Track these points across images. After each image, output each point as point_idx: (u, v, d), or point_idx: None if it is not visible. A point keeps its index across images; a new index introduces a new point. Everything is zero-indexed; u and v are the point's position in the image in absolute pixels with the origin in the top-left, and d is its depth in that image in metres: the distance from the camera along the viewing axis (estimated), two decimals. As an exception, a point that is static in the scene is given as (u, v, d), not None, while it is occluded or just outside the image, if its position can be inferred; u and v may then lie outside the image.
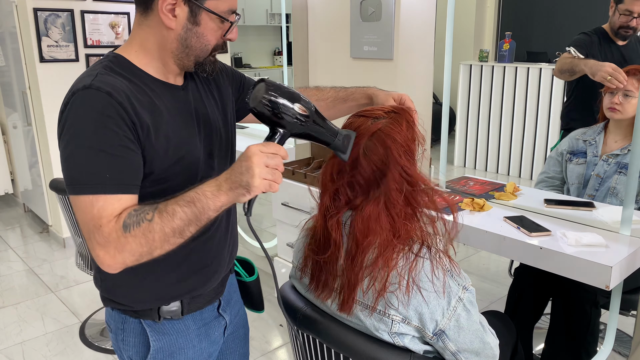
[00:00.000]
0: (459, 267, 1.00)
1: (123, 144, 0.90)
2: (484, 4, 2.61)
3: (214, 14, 0.96)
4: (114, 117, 0.89)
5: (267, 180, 0.86)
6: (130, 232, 0.86)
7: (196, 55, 1.00)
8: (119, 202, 0.89)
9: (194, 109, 1.05)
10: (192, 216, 0.87)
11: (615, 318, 1.60)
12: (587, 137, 2.01)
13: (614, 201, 1.87)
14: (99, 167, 0.88)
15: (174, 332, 1.08)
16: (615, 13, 2.09)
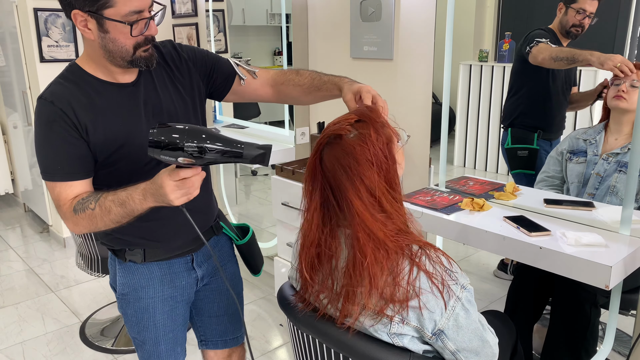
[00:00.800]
0: (457, 266, 1.00)
1: (66, 141, 1.14)
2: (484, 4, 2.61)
3: (114, 21, 1.10)
4: (57, 120, 1.13)
5: (184, 198, 1.04)
6: (79, 215, 1.14)
7: (121, 57, 1.16)
8: (71, 188, 1.16)
9: (143, 101, 1.22)
10: (123, 214, 1.10)
11: (615, 318, 1.60)
12: (587, 137, 2.02)
13: (613, 200, 1.88)
14: (52, 161, 1.16)
15: (138, 273, 1.34)
16: (567, 12, 2.12)
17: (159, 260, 1.34)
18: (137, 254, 1.32)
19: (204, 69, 1.33)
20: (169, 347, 1.43)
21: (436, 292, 0.96)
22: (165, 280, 1.36)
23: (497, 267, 2.65)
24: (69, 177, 1.16)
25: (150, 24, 1.14)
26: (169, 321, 1.40)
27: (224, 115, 3.46)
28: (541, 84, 2.29)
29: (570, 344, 1.84)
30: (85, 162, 1.18)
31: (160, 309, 1.38)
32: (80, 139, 1.16)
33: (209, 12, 3.27)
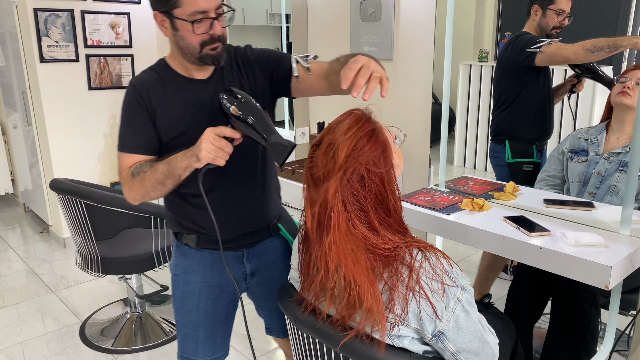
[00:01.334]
0: (457, 268, 1.00)
1: (137, 120, 1.33)
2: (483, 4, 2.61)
3: (182, 19, 1.23)
4: (134, 102, 1.33)
5: (210, 154, 1.15)
6: (134, 178, 1.30)
7: (190, 53, 1.29)
8: (131, 158, 1.33)
9: (210, 97, 1.34)
10: (167, 172, 1.24)
11: (615, 318, 1.60)
12: (589, 136, 2.01)
13: (614, 199, 1.88)
14: (123, 134, 1.35)
15: (190, 257, 1.46)
16: (546, 14, 2.11)
17: (211, 248, 1.44)
18: (191, 239, 1.44)
19: (268, 70, 1.40)
20: (208, 335, 1.50)
21: (436, 294, 0.95)
22: (214, 268, 1.46)
23: None
24: (132, 150, 1.34)
25: (214, 24, 1.25)
26: (212, 308, 1.48)
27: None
28: (538, 90, 2.27)
29: (570, 344, 1.84)
30: (149, 140, 1.34)
31: (206, 295, 1.47)
32: (148, 120, 1.33)
33: (208, 12, 3.26)
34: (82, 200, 2.23)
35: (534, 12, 2.17)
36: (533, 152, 2.31)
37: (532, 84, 2.22)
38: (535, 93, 2.24)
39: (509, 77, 2.29)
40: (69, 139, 3.59)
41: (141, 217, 2.30)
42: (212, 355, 1.53)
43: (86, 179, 3.57)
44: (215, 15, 1.25)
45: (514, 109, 2.31)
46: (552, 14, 2.12)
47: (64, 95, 3.51)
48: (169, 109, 1.33)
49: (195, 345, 1.51)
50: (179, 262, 1.48)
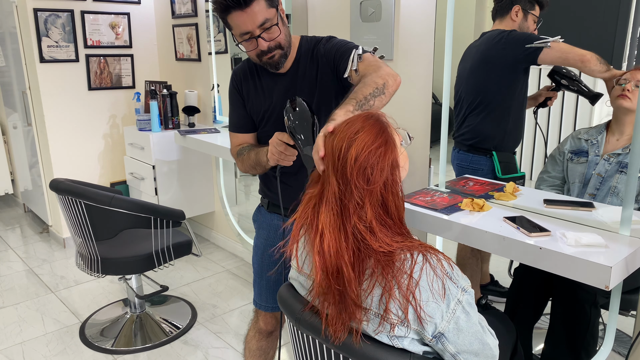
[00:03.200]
0: (457, 269, 1.00)
1: (236, 104, 1.65)
2: (484, 4, 2.60)
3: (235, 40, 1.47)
4: (232, 90, 1.65)
5: (274, 157, 1.40)
6: (238, 157, 1.65)
7: (255, 61, 1.53)
8: (237, 137, 1.68)
9: (285, 87, 1.55)
10: (255, 162, 1.55)
11: (615, 318, 1.60)
12: (589, 137, 2.01)
13: (614, 200, 1.87)
14: (230, 116, 1.69)
15: (263, 216, 1.76)
16: (528, 19, 2.03)
17: (278, 213, 1.70)
18: (265, 202, 1.75)
19: (332, 66, 1.52)
20: (270, 285, 1.74)
21: (437, 296, 0.95)
22: (277, 230, 1.71)
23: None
24: (236, 129, 1.68)
25: (259, 41, 1.43)
26: (273, 264, 1.71)
27: (224, 115, 3.46)
28: (521, 94, 2.12)
29: (570, 344, 1.84)
30: (246, 121, 1.64)
31: (269, 252, 1.71)
32: (243, 104, 1.63)
33: (208, 13, 3.27)
34: (82, 200, 2.23)
35: (515, 12, 2.06)
36: (516, 163, 2.20)
37: (518, 86, 2.11)
38: (519, 97, 2.13)
39: (496, 77, 2.15)
40: (69, 139, 3.59)
41: (141, 218, 2.30)
42: (274, 304, 1.76)
43: (86, 179, 3.57)
44: (260, 32, 1.41)
45: (500, 115, 2.17)
46: (531, 19, 2.05)
47: (64, 96, 3.51)
48: (255, 98, 1.60)
49: (259, 291, 1.76)
50: (256, 218, 1.79)
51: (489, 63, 2.16)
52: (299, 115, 1.29)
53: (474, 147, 2.21)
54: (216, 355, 2.44)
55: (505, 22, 2.09)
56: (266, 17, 1.40)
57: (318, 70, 1.54)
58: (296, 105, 1.31)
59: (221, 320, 2.74)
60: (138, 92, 3.67)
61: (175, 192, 3.44)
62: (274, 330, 1.83)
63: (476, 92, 2.20)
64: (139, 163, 3.45)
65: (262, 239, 1.74)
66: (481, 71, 2.19)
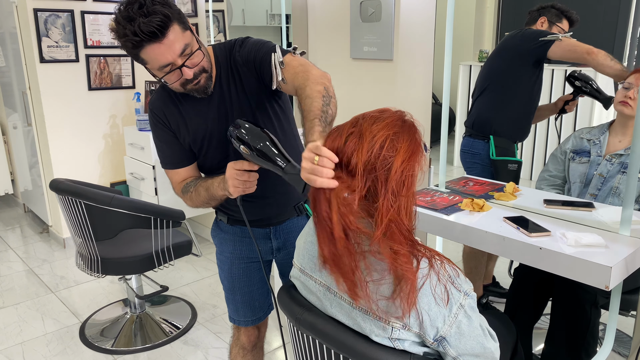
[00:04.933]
0: (461, 274, 1.00)
1: (166, 139, 1.48)
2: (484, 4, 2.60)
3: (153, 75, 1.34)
4: (158, 124, 1.47)
5: (239, 188, 1.29)
6: (185, 195, 1.51)
7: (177, 91, 1.39)
8: (178, 174, 1.53)
9: (217, 107, 1.42)
10: (208, 197, 1.42)
11: (615, 318, 1.60)
12: (591, 136, 2.01)
13: (616, 201, 1.87)
14: (161, 154, 1.53)
15: (224, 230, 1.64)
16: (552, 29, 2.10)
17: (242, 225, 1.60)
18: (224, 216, 1.62)
19: (255, 73, 1.41)
20: (246, 299, 1.67)
21: (439, 300, 0.95)
22: (243, 242, 1.62)
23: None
24: (173, 166, 1.52)
25: (184, 70, 1.29)
26: (244, 277, 1.65)
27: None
28: (531, 88, 2.21)
29: (571, 344, 1.83)
30: (183, 154, 1.49)
31: (237, 265, 1.64)
32: (174, 137, 1.47)
33: (209, 13, 3.27)
34: (82, 200, 2.23)
35: (541, 23, 2.14)
36: (515, 151, 2.27)
37: (528, 79, 2.17)
38: (528, 89, 2.19)
39: (507, 67, 2.22)
40: (69, 139, 3.59)
41: (141, 218, 2.30)
42: (252, 316, 1.70)
43: (86, 179, 3.57)
44: (182, 61, 1.28)
45: (504, 102, 2.24)
46: (557, 31, 2.11)
47: (64, 96, 3.51)
48: (185, 128, 1.45)
49: (235, 308, 1.70)
50: (215, 234, 1.69)
51: (502, 50, 2.26)
52: (256, 138, 1.20)
53: (475, 130, 2.30)
54: (216, 355, 2.44)
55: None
56: (185, 43, 1.27)
57: (242, 80, 1.42)
58: (243, 130, 1.21)
59: (221, 320, 2.74)
60: (138, 92, 3.67)
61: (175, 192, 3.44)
62: (257, 342, 1.77)
63: (486, 77, 2.31)
64: (139, 163, 3.45)
65: (228, 253, 1.64)
66: (495, 58, 2.30)
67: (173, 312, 2.83)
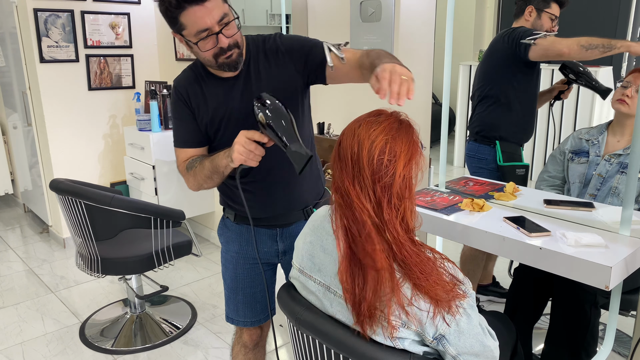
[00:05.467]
0: (460, 272, 1.00)
1: (183, 117, 1.48)
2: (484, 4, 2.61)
3: (188, 41, 1.33)
4: (178, 101, 1.49)
5: (242, 156, 1.27)
6: (189, 172, 1.48)
7: (208, 64, 1.40)
8: (185, 153, 1.52)
9: (240, 92, 1.44)
10: (212, 169, 1.39)
11: (615, 318, 1.60)
12: (590, 137, 2.01)
13: (615, 201, 1.87)
14: (175, 131, 1.53)
15: (231, 229, 1.64)
16: (542, 17, 2.08)
17: (248, 224, 1.59)
18: (231, 214, 1.62)
19: (300, 59, 1.44)
20: (248, 300, 1.66)
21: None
22: (250, 242, 1.61)
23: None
24: (184, 144, 1.52)
25: (220, 38, 1.31)
26: (247, 277, 1.64)
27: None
28: (529, 88, 2.19)
29: (571, 344, 1.83)
30: (196, 135, 1.50)
31: (242, 265, 1.64)
32: (192, 117, 1.48)
33: (208, 13, 3.26)
34: (82, 200, 2.23)
35: (528, 12, 2.12)
36: (521, 154, 2.26)
37: (525, 80, 2.16)
38: (526, 90, 2.18)
39: (501, 71, 2.20)
40: (69, 139, 3.59)
41: (141, 218, 2.30)
42: (252, 318, 1.68)
43: (86, 179, 3.57)
44: (219, 28, 1.30)
45: (505, 106, 2.22)
46: (547, 18, 2.09)
47: (64, 96, 3.51)
48: (205, 107, 1.46)
49: (235, 308, 1.68)
50: (222, 232, 1.68)
51: (492, 56, 2.23)
52: (275, 112, 1.23)
53: (480, 136, 2.28)
54: (216, 355, 2.44)
55: (520, 22, 2.16)
56: (224, 12, 1.31)
57: (277, 67, 1.44)
58: (267, 101, 1.24)
59: (221, 320, 2.74)
60: (138, 92, 3.67)
61: (175, 192, 3.44)
62: (259, 341, 1.77)
63: (482, 83, 2.28)
64: (139, 163, 3.45)
65: (234, 252, 1.64)
66: (487, 64, 2.27)
67: (173, 312, 2.83)
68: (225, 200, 1.62)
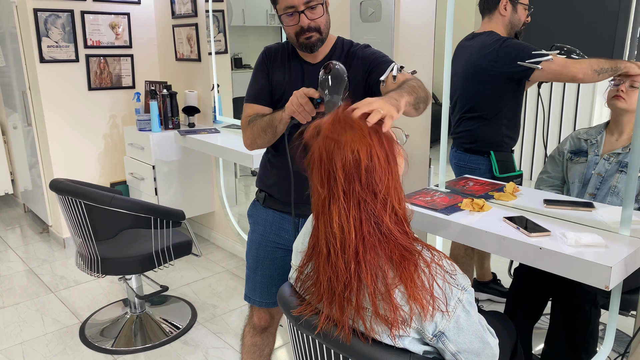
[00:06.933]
0: (457, 268, 1.00)
1: (260, 76, 1.64)
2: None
3: (277, 14, 1.51)
4: (261, 62, 1.65)
5: (292, 107, 1.38)
6: (249, 125, 1.61)
7: (292, 42, 1.56)
8: (252, 108, 1.65)
9: (310, 79, 1.58)
10: (268, 121, 1.52)
11: (615, 318, 1.60)
12: (588, 136, 2.01)
13: (614, 200, 1.87)
14: (249, 88, 1.67)
15: (259, 211, 1.75)
16: (517, 10, 1.97)
17: (274, 209, 1.70)
18: (261, 197, 1.73)
19: (365, 69, 1.56)
20: (265, 281, 1.75)
21: (438, 294, 0.95)
22: (273, 227, 1.71)
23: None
24: (253, 99, 1.65)
25: (301, 17, 1.46)
26: (267, 260, 1.74)
27: (224, 115, 3.46)
28: (518, 99, 2.11)
29: (570, 344, 1.84)
30: (266, 94, 1.64)
31: (264, 247, 1.73)
32: (267, 76, 1.63)
33: (208, 13, 3.27)
34: (82, 200, 2.23)
35: (503, 7, 2.00)
36: (513, 161, 2.21)
37: (513, 93, 2.09)
38: (516, 102, 2.12)
39: (489, 89, 2.11)
40: (69, 139, 3.59)
41: (141, 218, 2.30)
42: (267, 299, 1.76)
43: (86, 179, 3.57)
44: (304, 8, 1.45)
45: (497, 121, 2.15)
46: (522, 9, 1.99)
47: (64, 96, 3.51)
48: (280, 76, 1.62)
49: (253, 287, 1.76)
50: (251, 212, 1.79)
51: (481, 74, 2.11)
52: (334, 74, 1.34)
53: (472, 149, 2.21)
54: (216, 355, 2.44)
55: (495, 19, 2.03)
56: None
57: (350, 69, 1.54)
58: (336, 65, 1.36)
59: (221, 320, 2.74)
60: (138, 92, 3.67)
61: (175, 192, 3.44)
62: (268, 327, 1.83)
63: (470, 99, 2.18)
64: (139, 163, 3.45)
65: (258, 234, 1.74)
66: (474, 81, 2.15)
67: (173, 312, 2.83)
68: (260, 177, 1.74)
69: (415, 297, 0.94)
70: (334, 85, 1.33)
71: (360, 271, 0.95)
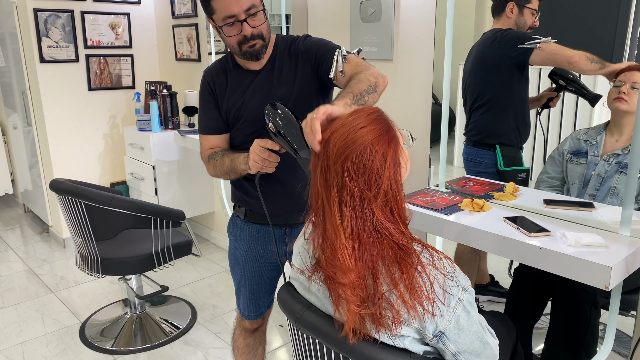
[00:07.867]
0: (457, 268, 1.00)
1: (207, 105, 1.58)
2: (483, 4, 2.60)
3: (215, 25, 1.44)
4: (204, 89, 1.59)
5: (257, 164, 1.34)
6: (210, 162, 1.57)
7: (234, 51, 1.49)
8: (207, 140, 1.60)
9: (259, 86, 1.52)
10: (230, 168, 1.49)
11: (615, 318, 1.60)
12: (588, 137, 2.01)
13: (614, 201, 1.87)
14: (200, 118, 1.62)
15: (240, 228, 1.69)
16: (524, 13, 2.04)
17: (257, 223, 1.65)
18: (241, 212, 1.67)
19: (314, 61, 1.51)
20: (253, 296, 1.73)
21: (438, 294, 0.95)
22: (259, 241, 1.66)
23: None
24: (206, 131, 1.60)
25: (244, 26, 1.40)
26: (255, 275, 1.71)
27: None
28: (522, 91, 2.17)
29: (570, 344, 1.84)
30: (218, 122, 1.58)
31: (250, 263, 1.69)
32: (215, 104, 1.57)
33: (208, 13, 3.26)
34: (82, 200, 2.23)
35: (510, 9, 2.07)
36: (521, 158, 2.25)
37: (517, 83, 2.14)
38: (520, 93, 2.16)
39: (494, 76, 2.18)
40: (69, 139, 3.59)
41: (141, 218, 2.30)
42: (255, 312, 1.76)
43: (86, 179, 3.57)
44: (245, 17, 1.39)
45: (501, 112, 2.20)
46: (528, 13, 2.06)
47: (64, 96, 3.51)
48: (228, 97, 1.55)
49: (242, 302, 1.76)
50: (231, 230, 1.73)
51: (485, 62, 2.20)
52: (285, 120, 1.26)
53: (478, 142, 2.26)
54: (216, 356, 2.44)
55: (502, 20, 2.11)
56: (252, 3, 1.39)
57: (297, 67, 1.51)
58: (278, 110, 1.27)
59: (221, 321, 2.74)
60: (138, 93, 3.67)
61: (175, 193, 3.44)
62: (259, 327, 1.84)
63: (476, 90, 2.24)
64: (139, 163, 3.45)
65: (243, 251, 1.69)
66: (480, 70, 2.22)
67: (173, 312, 2.83)
68: (238, 195, 1.66)
69: (415, 297, 0.94)
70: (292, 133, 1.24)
71: (360, 271, 0.96)
